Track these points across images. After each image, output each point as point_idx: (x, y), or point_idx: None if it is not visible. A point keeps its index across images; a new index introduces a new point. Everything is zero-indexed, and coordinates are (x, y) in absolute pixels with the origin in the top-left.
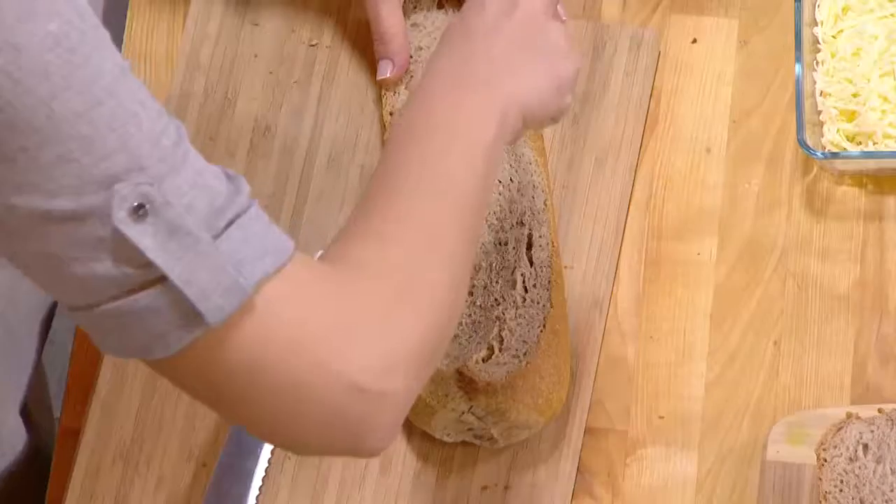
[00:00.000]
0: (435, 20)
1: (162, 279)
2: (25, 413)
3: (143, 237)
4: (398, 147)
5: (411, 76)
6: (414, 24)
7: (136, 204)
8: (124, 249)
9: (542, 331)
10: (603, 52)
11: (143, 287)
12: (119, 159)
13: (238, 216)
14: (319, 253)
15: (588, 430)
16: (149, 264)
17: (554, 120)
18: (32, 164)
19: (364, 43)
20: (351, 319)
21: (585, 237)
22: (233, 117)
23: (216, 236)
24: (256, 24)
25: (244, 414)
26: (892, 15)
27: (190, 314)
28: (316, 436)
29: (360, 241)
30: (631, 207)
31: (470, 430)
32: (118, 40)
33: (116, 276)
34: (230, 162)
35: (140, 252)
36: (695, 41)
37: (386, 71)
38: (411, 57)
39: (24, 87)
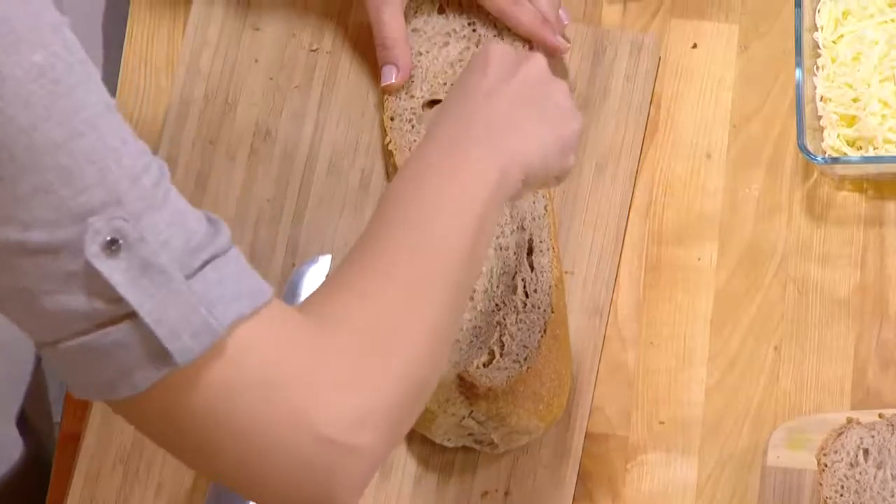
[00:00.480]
0: (435, 25)
1: (132, 315)
2: (23, 421)
3: (115, 272)
4: (390, 203)
5: (411, 81)
6: (415, 30)
7: (109, 238)
8: (96, 284)
9: (542, 336)
10: (603, 56)
11: (112, 322)
12: (96, 193)
13: (214, 257)
14: (321, 257)
15: (588, 436)
16: (119, 300)
17: (558, 179)
18: (9, 194)
19: (365, 48)
20: (324, 371)
21: (586, 243)
22: (233, 122)
23: (190, 276)
24: (257, 29)
25: (208, 460)
26: (892, 20)
27: (158, 353)
28: (282, 486)
29: (340, 295)
30: (631, 213)
31: (470, 435)
32: (118, 46)
33: (87, 311)
34: (230, 166)
35: (111, 287)
36: (695, 46)
37: (390, 76)
38: None
39: (5, 116)
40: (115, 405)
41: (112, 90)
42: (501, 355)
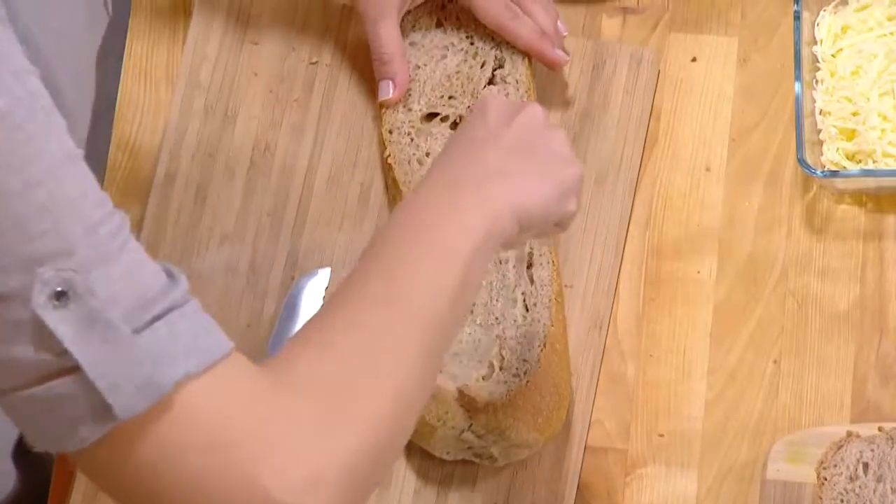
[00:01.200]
0: (433, 38)
1: (77, 368)
2: (19, 453)
3: (61, 324)
4: (372, 252)
5: (409, 94)
6: (412, 43)
7: (57, 290)
8: (43, 335)
9: (542, 350)
10: (603, 70)
11: (59, 375)
12: (48, 243)
13: (168, 311)
14: (320, 270)
15: (588, 449)
16: (65, 352)
17: (559, 227)
18: None
19: (363, 61)
20: (276, 433)
21: (585, 256)
22: (233, 135)
23: (138, 330)
24: (256, 43)
25: None
26: (891, 34)
27: (102, 407)
28: None
29: (304, 349)
30: (631, 225)
31: (469, 448)
32: (118, 59)
33: (35, 362)
34: (230, 180)
35: (57, 339)
36: (694, 60)
37: (387, 91)
38: (410, 76)
39: None
40: (71, 457)
41: (112, 103)
42: (501, 369)
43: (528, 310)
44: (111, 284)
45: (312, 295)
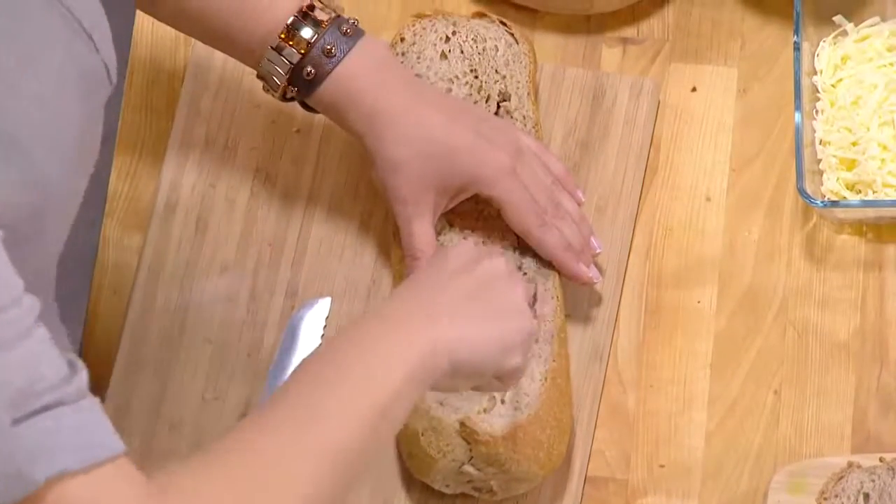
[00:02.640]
0: (438, 70)
1: None
2: None
3: None
4: (297, 371)
5: None
6: (417, 75)
7: None
8: None
9: (544, 384)
10: (603, 100)
11: None
12: None
13: (59, 404)
14: (320, 300)
15: (588, 479)
16: None
17: (503, 382)
18: None
19: None
20: None
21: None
22: (233, 165)
23: (18, 421)
24: None
25: None
26: (891, 64)
27: None
28: None
29: (201, 466)
30: (631, 255)
31: (469, 482)
32: (118, 88)
33: None
34: (230, 209)
35: None
36: (694, 90)
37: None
38: None
39: None
40: None
41: (112, 133)
42: (502, 402)
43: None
44: (1, 371)
45: (312, 325)
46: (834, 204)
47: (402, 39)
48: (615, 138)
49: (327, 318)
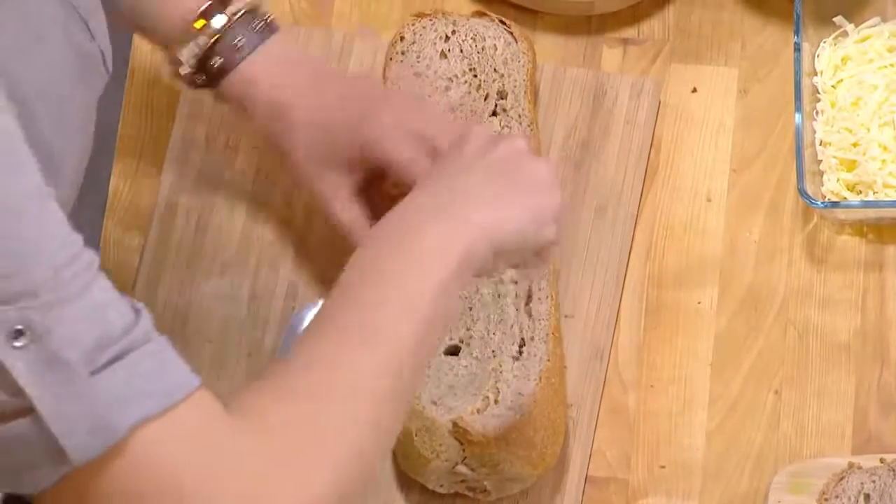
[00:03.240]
0: (437, 69)
1: (32, 410)
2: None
3: (18, 363)
4: (341, 290)
5: None
6: (417, 74)
7: (16, 329)
8: (1, 374)
9: (538, 384)
10: (603, 100)
11: (14, 416)
12: (11, 283)
13: (129, 351)
14: (321, 300)
15: (589, 479)
16: (21, 392)
17: (538, 256)
18: None
19: None
20: (242, 474)
21: (586, 286)
22: (234, 165)
23: (95, 371)
24: None
25: None
26: (891, 65)
27: (55, 450)
28: None
29: (269, 390)
30: (631, 256)
31: (463, 481)
32: (119, 89)
33: None
34: (231, 210)
35: (13, 378)
36: (695, 90)
37: None
38: None
39: None
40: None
41: (113, 132)
42: (496, 402)
43: (525, 344)
44: (71, 325)
45: None
46: (834, 205)
47: (402, 38)
48: (616, 139)
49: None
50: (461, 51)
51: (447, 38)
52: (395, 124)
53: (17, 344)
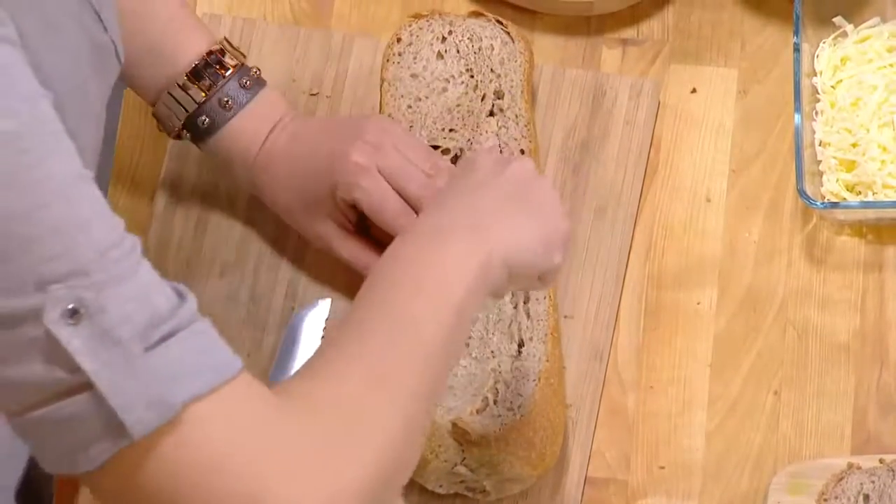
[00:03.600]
0: (434, 70)
1: (89, 386)
2: (23, 492)
3: (74, 340)
4: (372, 286)
5: (411, 127)
6: (413, 75)
7: (70, 307)
8: (55, 352)
9: (537, 384)
10: (603, 101)
11: (71, 393)
12: (61, 263)
13: (177, 331)
14: (321, 301)
15: (588, 480)
16: (78, 369)
17: (542, 281)
18: None
19: (363, 92)
20: (282, 457)
21: (585, 286)
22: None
23: (149, 348)
24: None
25: None
26: (890, 65)
27: (114, 425)
28: None
29: (312, 376)
30: (631, 256)
31: (462, 482)
32: (118, 90)
33: (47, 380)
34: (231, 210)
35: (69, 355)
36: (694, 91)
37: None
38: (410, 107)
39: None
40: (84, 481)
41: (113, 133)
42: (495, 402)
43: (523, 344)
44: (123, 304)
45: (313, 326)
46: (834, 205)
47: (399, 40)
48: (615, 139)
49: (327, 319)
50: (458, 51)
51: (444, 38)
52: (365, 165)
53: (72, 322)
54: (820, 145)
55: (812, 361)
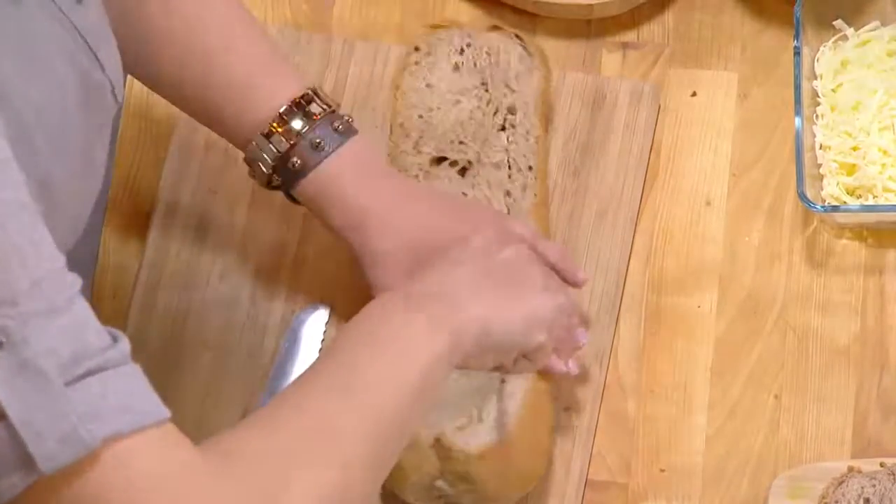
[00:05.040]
0: (449, 82)
1: (3, 415)
2: None
3: None
4: (334, 345)
5: (420, 137)
6: (428, 85)
7: None
8: None
9: (523, 404)
10: (603, 104)
11: None
12: None
13: (103, 369)
14: (321, 305)
15: (589, 483)
16: None
17: (529, 360)
18: None
19: (364, 97)
20: (210, 502)
21: (586, 290)
22: (234, 171)
23: (69, 383)
24: None
25: None
26: (891, 69)
27: (25, 458)
28: None
29: (249, 426)
30: (631, 260)
31: (441, 497)
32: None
33: None
34: (231, 215)
35: None
36: (694, 94)
37: None
38: (421, 117)
39: None
40: None
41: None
42: (480, 420)
43: None
44: (49, 337)
45: (313, 330)
46: (834, 209)
47: (417, 49)
48: (615, 143)
49: (327, 324)
50: (475, 64)
51: (462, 50)
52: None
53: None
54: (820, 149)
55: (812, 365)
